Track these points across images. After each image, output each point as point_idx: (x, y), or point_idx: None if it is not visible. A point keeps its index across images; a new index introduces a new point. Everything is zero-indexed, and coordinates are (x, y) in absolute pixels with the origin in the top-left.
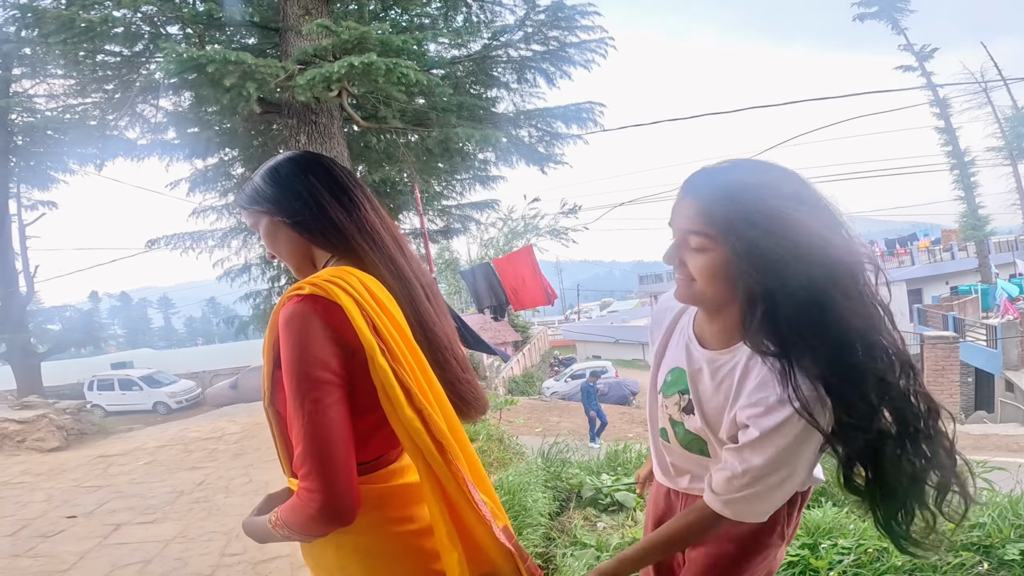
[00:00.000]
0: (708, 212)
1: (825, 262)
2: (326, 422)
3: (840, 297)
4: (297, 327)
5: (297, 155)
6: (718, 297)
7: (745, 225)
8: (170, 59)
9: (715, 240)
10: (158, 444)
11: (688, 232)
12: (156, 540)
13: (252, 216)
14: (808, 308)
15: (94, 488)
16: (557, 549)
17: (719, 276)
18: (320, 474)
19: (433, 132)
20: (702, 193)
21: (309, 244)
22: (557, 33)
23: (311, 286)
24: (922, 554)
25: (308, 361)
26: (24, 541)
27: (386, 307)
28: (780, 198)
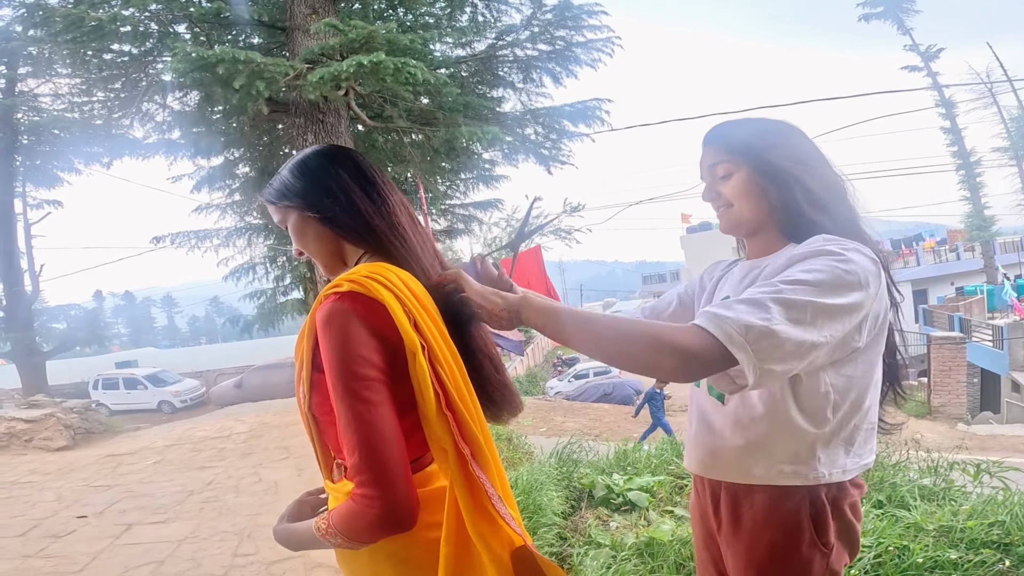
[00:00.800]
0: (727, 143)
1: (824, 166)
2: (379, 422)
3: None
4: (339, 325)
5: (325, 148)
6: (755, 214)
7: (760, 143)
8: (180, 58)
9: (737, 163)
10: (166, 443)
11: (714, 166)
12: (168, 540)
13: (280, 212)
14: (828, 193)
15: (104, 488)
16: (572, 549)
17: (750, 192)
18: (379, 479)
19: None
20: (718, 134)
21: (339, 240)
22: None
23: (350, 283)
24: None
25: (354, 359)
26: (35, 541)
27: (425, 304)
28: (787, 125)
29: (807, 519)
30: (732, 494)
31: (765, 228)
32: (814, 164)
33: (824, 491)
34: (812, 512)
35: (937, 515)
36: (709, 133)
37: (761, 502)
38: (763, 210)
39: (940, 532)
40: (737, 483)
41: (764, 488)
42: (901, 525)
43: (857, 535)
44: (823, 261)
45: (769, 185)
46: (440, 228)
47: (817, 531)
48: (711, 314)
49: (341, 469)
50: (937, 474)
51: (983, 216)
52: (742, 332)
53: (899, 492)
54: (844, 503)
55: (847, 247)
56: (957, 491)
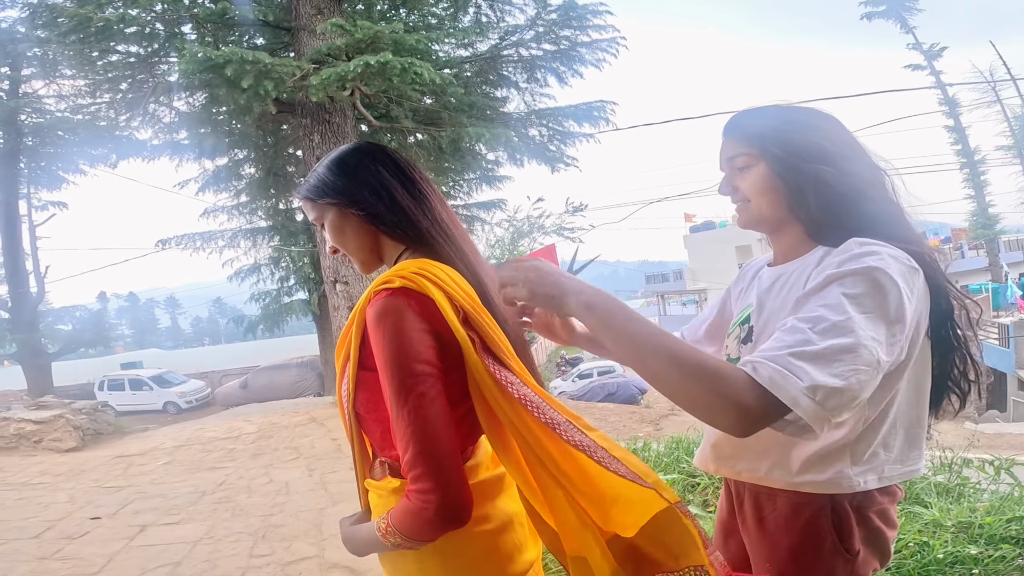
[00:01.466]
0: (744, 135)
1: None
2: (433, 417)
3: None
4: (392, 322)
5: (363, 145)
6: (773, 211)
7: (779, 135)
8: (188, 59)
9: (754, 156)
10: (175, 444)
11: (732, 159)
12: (183, 541)
13: (318, 209)
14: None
15: (116, 489)
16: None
17: (767, 187)
18: (434, 474)
19: (444, 131)
20: (738, 123)
21: (378, 237)
22: (569, 33)
23: (401, 279)
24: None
25: (409, 355)
26: (50, 543)
27: (473, 298)
28: (816, 114)
29: (828, 526)
30: (755, 496)
31: (788, 226)
32: (841, 159)
33: (848, 499)
34: (834, 520)
35: (955, 511)
36: (729, 121)
37: (783, 506)
38: (783, 208)
39: (959, 528)
40: (759, 486)
41: (786, 493)
42: (920, 522)
43: (887, 542)
44: (864, 282)
45: (792, 178)
46: None
47: (840, 538)
48: (773, 371)
49: (384, 467)
50: (951, 471)
51: (987, 214)
52: (810, 393)
53: (915, 489)
54: (869, 510)
55: (878, 254)
56: (972, 488)
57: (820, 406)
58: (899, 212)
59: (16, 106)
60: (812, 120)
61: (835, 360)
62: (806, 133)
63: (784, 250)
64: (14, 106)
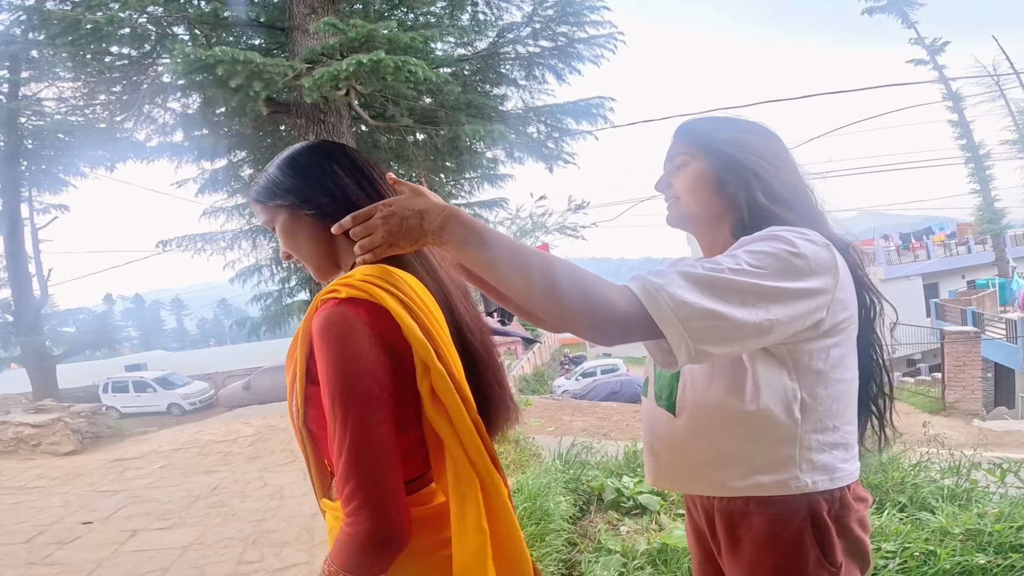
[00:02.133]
0: (688, 135)
1: (789, 171)
2: (372, 441)
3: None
4: (337, 335)
5: (318, 143)
6: (701, 208)
7: (721, 136)
8: (178, 60)
9: (694, 154)
10: (173, 447)
11: (673, 157)
12: (172, 547)
13: (268, 211)
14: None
15: (110, 493)
16: (581, 555)
17: (700, 186)
18: (365, 495)
19: (442, 130)
20: (685, 127)
21: (333, 241)
22: (566, 29)
23: (348, 288)
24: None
25: (353, 373)
26: (40, 548)
27: (430, 310)
28: (759, 126)
29: (811, 540)
30: (727, 515)
31: (715, 227)
32: (778, 165)
33: (825, 509)
34: (816, 533)
35: (963, 518)
36: (680, 125)
37: (760, 523)
38: (713, 207)
39: (967, 536)
40: (731, 503)
41: (761, 509)
42: (926, 529)
43: (866, 549)
44: (771, 244)
45: (725, 179)
46: None
47: (823, 551)
48: (645, 280)
49: None
50: (959, 474)
51: (993, 209)
52: (675, 308)
53: (921, 493)
54: (850, 519)
55: (799, 234)
56: (981, 492)
57: (682, 325)
58: (823, 220)
59: (16, 108)
60: (754, 131)
61: (712, 288)
62: (746, 141)
63: (715, 252)
64: (14, 108)
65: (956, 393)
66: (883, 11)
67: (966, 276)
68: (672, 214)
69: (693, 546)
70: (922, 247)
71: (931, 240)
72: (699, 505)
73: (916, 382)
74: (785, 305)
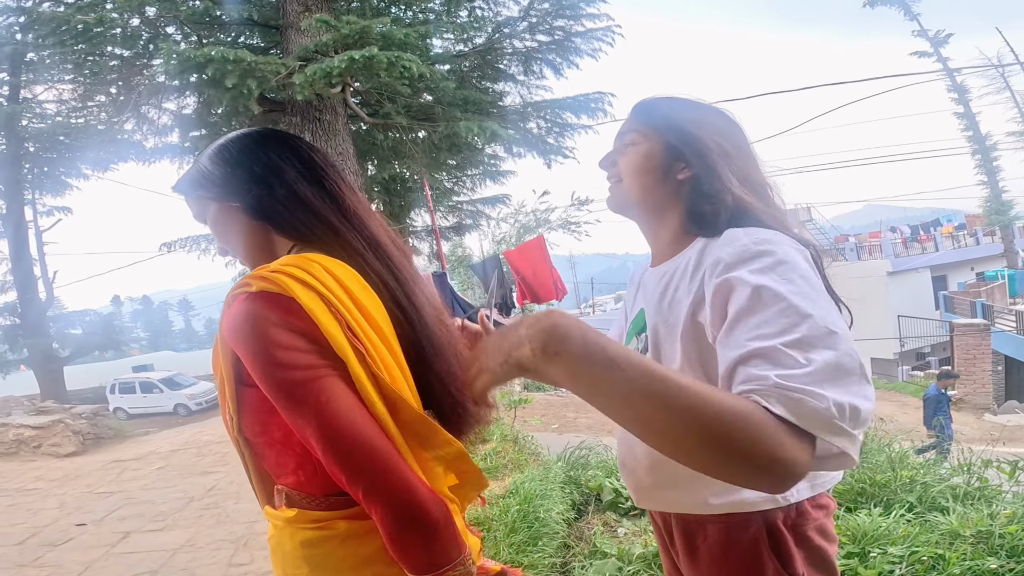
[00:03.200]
0: (645, 113)
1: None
2: (343, 414)
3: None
4: (252, 331)
5: (251, 131)
6: (645, 194)
7: (679, 116)
8: (170, 59)
9: (645, 135)
10: (172, 448)
11: (623, 134)
12: (163, 549)
13: (198, 204)
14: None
15: (106, 494)
16: (575, 560)
17: (646, 167)
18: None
19: (439, 127)
20: (643, 105)
21: (268, 233)
22: (562, 22)
23: (260, 280)
24: None
25: (284, 358)
26: (32, 550)
27: (360, 302)
28: (721, 111)
29: (767, 551)
30: (683, 525)
31: (659, 217)
32: (735, 158)
33: (780, 517)
34: (771, 543)
35: (974, 519)
36: (637, 103)
37: (714, 533)
38: (657, 194)
39: (978, 538)
40: (684, 513)
41: (716, 519)
42: (936, 532)
43: (830, 559)
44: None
45: (678, 164)
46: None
47: (781, 562)
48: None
49: (282, 495)
50: (970, 472)
51: (1001, 200)
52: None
53: (930, 493)
54: (807, 528)
55: (770, 240)
56: (993, 491)
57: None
58: (782, 215)
59: (16, 111)
60: (717, 117)
61: (834, 369)
62: (708, 126)
63: (661, 247)
64: (13, 111)
65: (966, 387)
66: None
67: (975, 268)
68: (613, 197)
69: (662, 554)
70: (930, 239)
71: (939, 232)
72: (659, 515)
73: (925, 376)
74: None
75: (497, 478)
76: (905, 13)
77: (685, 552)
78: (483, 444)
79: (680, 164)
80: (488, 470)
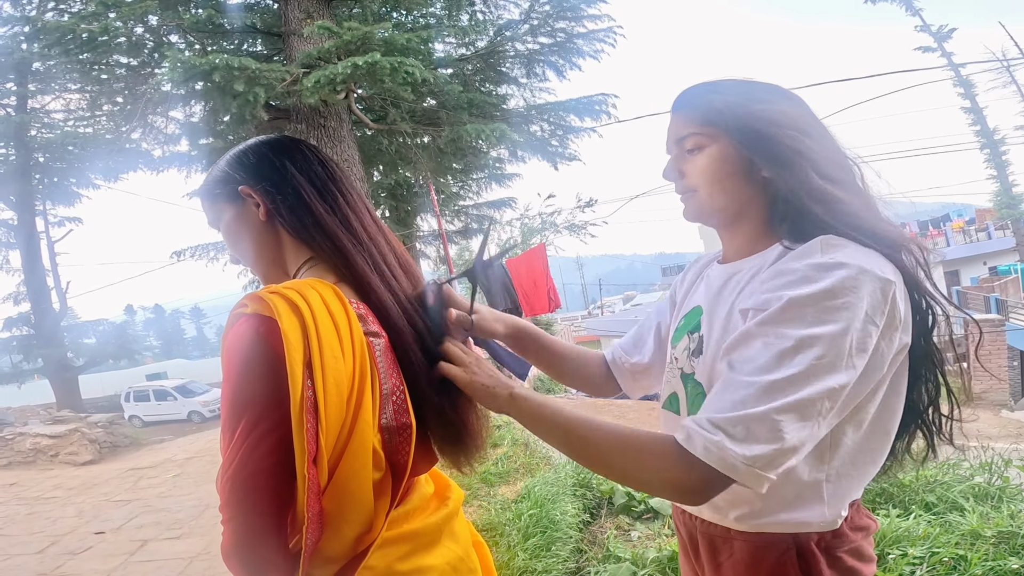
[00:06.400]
0: (700, 111)
1: (828, 146)
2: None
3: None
4: (237, 359)
5: (270, 138)
6: (729, 200)
7: (744, 108)
8: (175, 67)
9: (711, 135)
10: (187, 456)
11: (682, 139)
12: (181, 557)
13: (213, 210)
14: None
15: (124, 502)
16: (589, 565)
17: (722, 173)
18: (235, 521)
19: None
20: (690, 99)
21: (280, 243)
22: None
23: (255, 302)
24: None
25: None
26: (52, 559)
27: (343, 335)
28: (781, 89)
29: (795, 573)
30: (709, 539)
31: (744, 219)
32: (813, 144)
33: (815, 539)
34: (802, 565)
35: (995, 519)
36: (680, 95)
37: (741, 551)
38: (742, 196)
39: (999, 539)
40: (714, 527)
41: (743, 536)
42: (956, 532)
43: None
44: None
45: (752, 166)
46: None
47: None
48: (707, 442)
49: None
50: (992, 471)
51: (1011, 194)
52: (750, 463)
53: (951, 493)
54: (839, 550)
55: (845, 266)
56: (1014, 491)
57: (760, 472)
58: (873, 205)
59: (25, 121)
60: (779, 98)
61: (782, 419)
62: (775, 112)
63: (737, 246)
64: (22, 121)
65: (983, 383)
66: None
67: (987, 263)
68: (690, 208)
69: (683, 563)
70: (941, 234)
71: (949, 227)
72: (684, 523)
73: None
74: (848, 395)
75: (509, 482)
76: (907, 8)
77: (710, 565)
78: (494, 449)
79: (760, 162)
80: (500, 474)
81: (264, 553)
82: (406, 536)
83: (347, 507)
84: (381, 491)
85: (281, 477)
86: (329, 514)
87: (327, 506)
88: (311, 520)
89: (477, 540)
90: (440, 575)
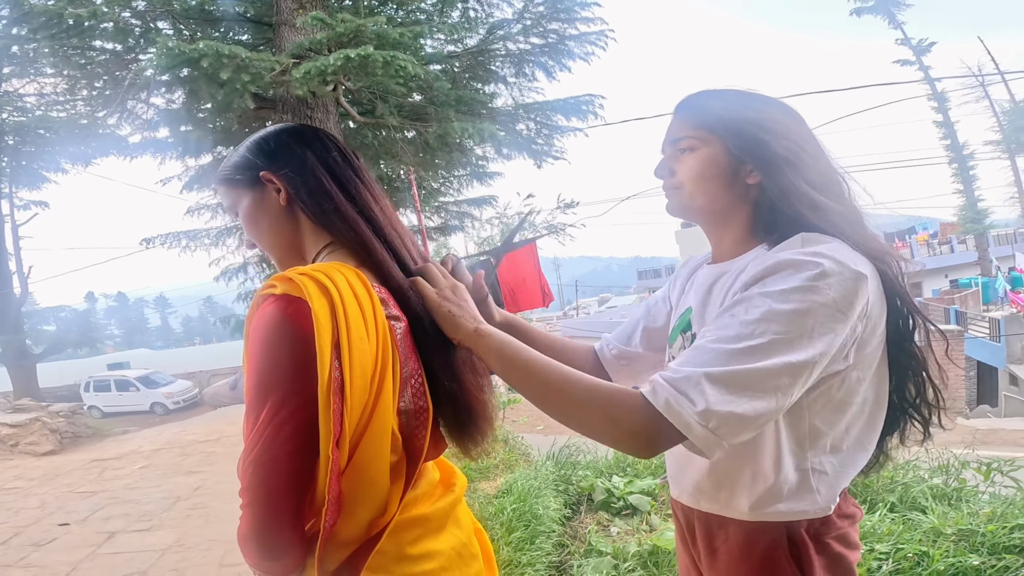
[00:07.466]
0: (698, 114)
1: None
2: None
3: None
4: (264, 339)
5: (291, 126)
6: (709, 200)
7: (740, 116)
8: (162, 53)
9: (704, 139)
10: (154, 447)
11: (677, 140)
12: (152, 549)
13: (232, 194)
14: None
15: (88, 494)
16: (572, 559)
17: (711, 174)
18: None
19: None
20: (692, 104)
21: (299, 229)
22: (556, 26)
23: (283, 281)
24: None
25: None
26: (16, 550)
27: (368, 319)
28: (780, 103)
29: (786, 557)
30: (705, 524)
31: (728, 220)
32: (803, 154)
33: (804, 526)
34: (792, 551)
35: (955, 518)
36: (683, 100)
37: (735, 535)
38: (724, 198)
39: (959, 536)
40: (710, 513)
41: (737, 522)
42: (919, 530)
43: (850, 567)
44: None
45: (743, 167)
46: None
47: (800, 568)
48: (669, 395)
49: None
50: (948, 473)
51: (977, 209)
52: (703, 420)
53: (911, 493)
54: (828, 536)
55: (823, 256)
56: (970, 491)
57: (712, 432)
58: (857, 215)
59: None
60: (775, 110)
61: (739, 385)
62: (769, 121)
63: (725, 247)
64: None
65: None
66: (871, 11)
67: (949, 275)
68: (672, 203)
69: (680, 550)
70: (906, 246)
71: (914, 239)
72: (682, 511)
73: None
74: (808, 374)
75: (489, 478)
76: (890, 22)
77: (706, 551)
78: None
79: (747, 167)
80: (480, 470)
81: (283, 537)
82: (417, 520)
83: (364, 490)
84: (396, 474)
85: (303, 460)
86: (345, 496)
87: (344, 488)
88: (331, 502)
89: (477, 527)
90: (446, 560)
